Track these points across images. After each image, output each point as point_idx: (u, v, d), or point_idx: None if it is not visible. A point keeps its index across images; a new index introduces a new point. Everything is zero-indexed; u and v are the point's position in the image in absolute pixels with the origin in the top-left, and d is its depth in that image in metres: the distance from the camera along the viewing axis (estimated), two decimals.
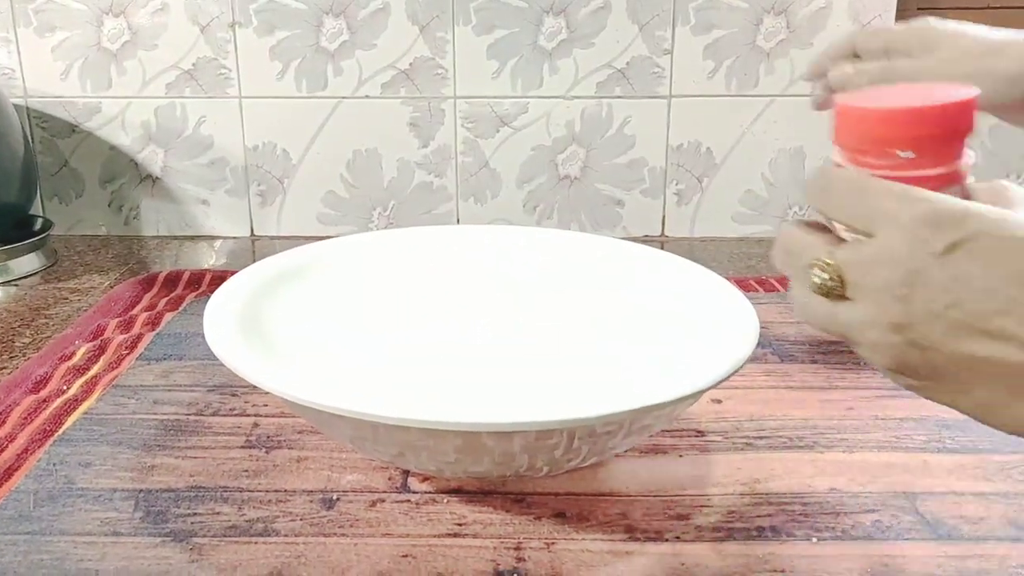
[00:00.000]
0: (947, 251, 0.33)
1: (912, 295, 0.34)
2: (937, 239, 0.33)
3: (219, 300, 0.58)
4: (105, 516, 0.51)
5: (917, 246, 0.33)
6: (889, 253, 0.34)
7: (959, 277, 0.33)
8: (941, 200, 0.34)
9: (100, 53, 1.00)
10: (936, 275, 0.33)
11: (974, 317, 0.33)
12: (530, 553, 0.47)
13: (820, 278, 0.37)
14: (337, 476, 0.54)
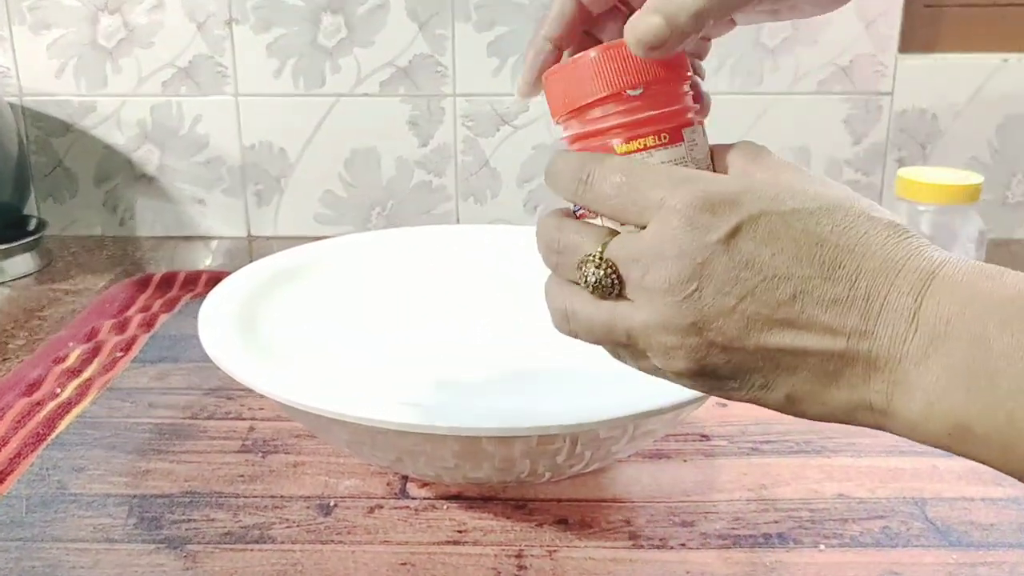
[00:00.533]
0: (729, 237, 0.31)
1: (702, 290, 0.31)
2: (717, 225, 0.31)
3: (215, 301, 0.57)
4: (98, 522, 0.50)
5: (697, 235, 0.31)
6: (668, 246, 0.31)
7: (748, 263, 0.31)
8: (713, 180, 0.32)
9: (95, 51, 0.99)
10: (723, 265, 0.31)
11: (770, 306, 0.31)
12: (531, 561, 0.46)
13: (595, 276, 0.33)
14: (335, 482, 0.53)
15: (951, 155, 1.01)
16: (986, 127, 1.01)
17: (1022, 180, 1.02)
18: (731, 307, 0.31)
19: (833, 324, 0.31)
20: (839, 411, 0.32)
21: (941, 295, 0.30)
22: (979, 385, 0.28)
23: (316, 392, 0.45)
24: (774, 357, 0.32)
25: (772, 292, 0.31)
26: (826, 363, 0.31)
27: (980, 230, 0.73)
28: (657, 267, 0.32)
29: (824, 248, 0.31)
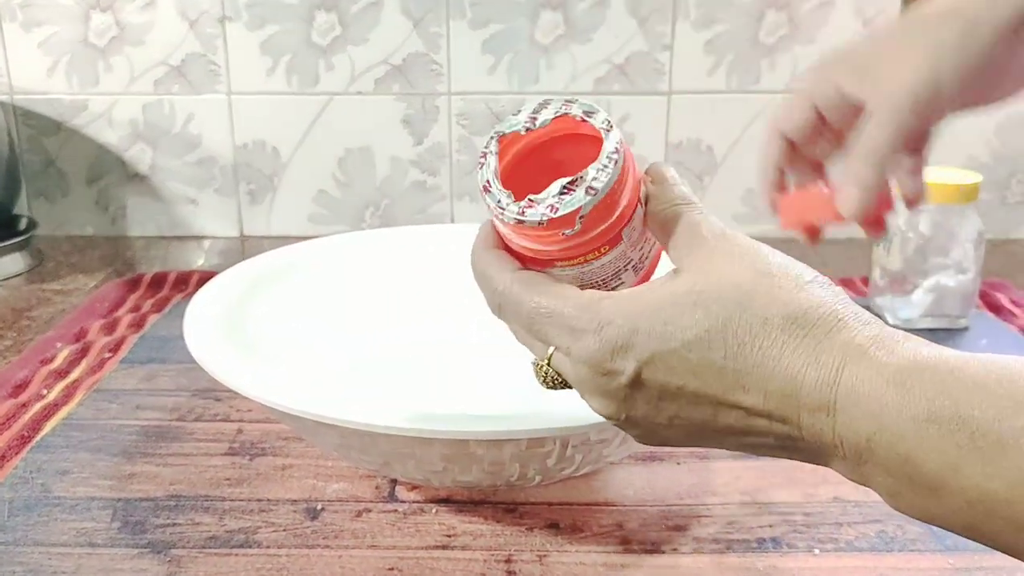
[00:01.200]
0: (635, 379, 0.33)
1: (633, 418, 0.34)
2: (620, 371, 0.33)
3: (201, 302, 0.56)
4: (81, 526, 0.49)
5: (607, 381, 0.33)
6: (590, 386, 0.34)
7: (661, 395, 0.33)
8: (607, 324, 0.33)
9: (87, 49, 0.98)
10: (641, 399, 0.33)
11: (700, 422, 0.33)
12: (521, 566, 0.45)
13: (547, 374, 0.36)
14: (322, 485, 0.52)
15: (950, 154, 1.00)
16: (985, 126, 1.00)
17: (1021, 180, 1.01)
18: (664, 426, 0.34)
19: (762, 427, 0.32)
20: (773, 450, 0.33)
21: (851, 414, 0.30)
22: (929, 503, 0.29)
23: (303, 395, 0.44)
24: (724, 441, 0.34)
25: (693, 412, 0.33)
26: (779, 440, 0.32)
27: (978, 230, 0.72)
28: (589, 399, 0.35)
29: (724, 375, 0.32)
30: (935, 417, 0.28)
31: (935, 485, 0.28)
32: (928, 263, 0.73)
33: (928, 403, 0.28)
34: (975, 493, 0.27)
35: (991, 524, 0.28)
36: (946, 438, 0.28)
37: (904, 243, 0.73)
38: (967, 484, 0.27)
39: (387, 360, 0.61)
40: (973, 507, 0.28)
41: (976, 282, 0.73)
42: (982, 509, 0.27)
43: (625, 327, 0.32)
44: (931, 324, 0.74)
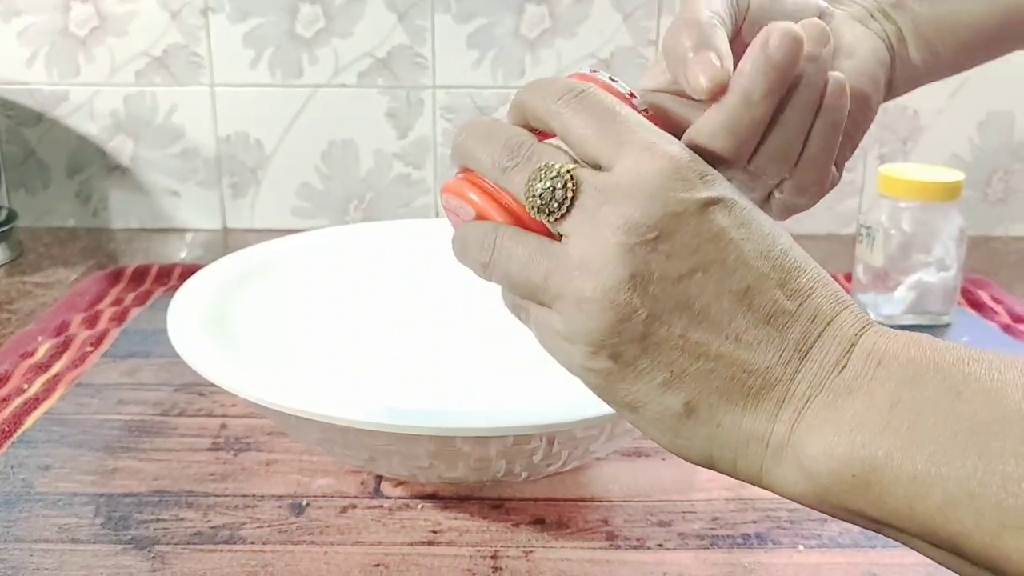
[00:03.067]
0: (709, 203, 0.29)
1: (658, 242, 0.28)
2: (701, 187, 0.29)
3: (185, 296, 0.56)
4: (64, 522, 0.48)
5: (680, 186, 0.29)
6: (647, 183, 0.29)
7: (716, 236, 0.29)
8: (695, 156, 0.31)
9: (67, 39, 0.97)
10: (691, 227, 0.29)
11: (717, 293, 0.29)
12: (507, 562, 0.45)
13: (550, 183, 0.30)
14: (307, 480, 0.52)
15: (932, 152, 1.01)
16: (967, 124, 1.00)
17: (1003, 177, 1.02)
18: (678, 276, 0.29)
19: (771, 335, 0.29)
20: (730, 440, 0.29)
21: (878, 338, 0.29)
22: (901, 424, 0.27)
23: (286, 390, 0.44)
24: (693, 352, 0.29)
25: (726, 277, 0.29)
26: (746, 376, 0.29)
27: (960, 227, 0.73)
28: (622, 201, 0.29)
29: (787, 256, 0.30)
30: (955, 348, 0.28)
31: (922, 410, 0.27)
32: (910, 260, 0.73)
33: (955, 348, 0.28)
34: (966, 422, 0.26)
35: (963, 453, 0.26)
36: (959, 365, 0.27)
37: (887, 240, 0.73)
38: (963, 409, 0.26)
39: (372, 355, 0.61)
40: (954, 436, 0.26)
41: (958, 279, 0.74)
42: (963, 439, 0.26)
43: (711, 170, 0.31)
44: (913, 321, 0.74)
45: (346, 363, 0.60)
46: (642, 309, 0.29)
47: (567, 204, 0.30)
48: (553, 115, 0.31)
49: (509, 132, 0.32)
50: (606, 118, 0.30)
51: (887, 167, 0.74)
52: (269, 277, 0.63)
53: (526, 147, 0.31)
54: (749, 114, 0.33)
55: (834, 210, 1.03)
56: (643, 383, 0.30)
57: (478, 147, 0.33)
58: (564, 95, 0.31)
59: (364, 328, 0.63)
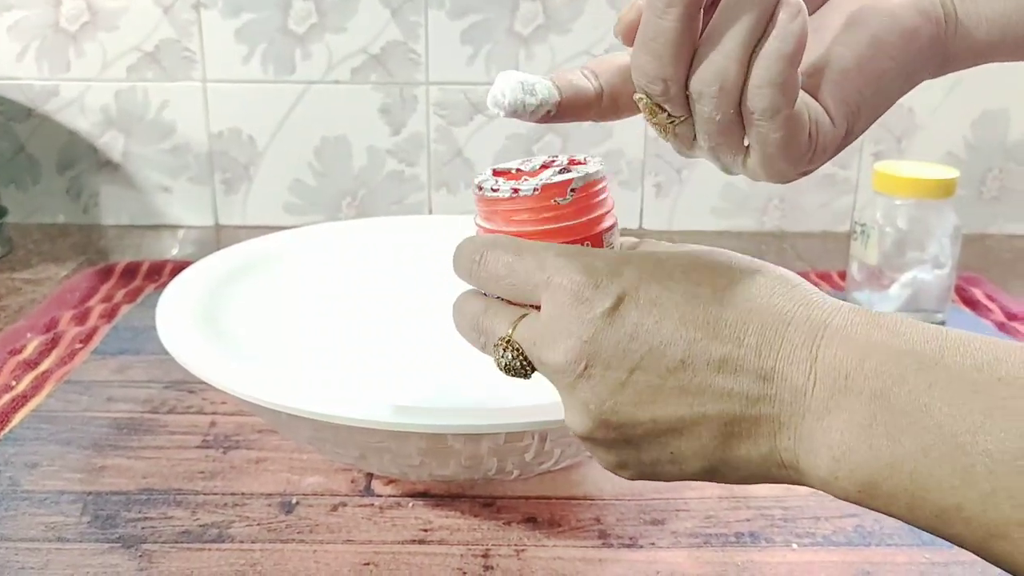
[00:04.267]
0: (613, 309, 0.31)
1: (591, 368, 0.31)
2: (600, 298, 0.31)
3: (174, 292, 0.55)
4: (50, 520, 0.48)
5: (582, 311, 0.31)
6: (557, 324, 0.32)
7: (633, 335, 0.31)
8: (595, 255, 0.32)
9: (58, 34, 0.96)
10: (609, 339, 0.31)
11: (660, 375, 0.30)
12: (498, 560, 0.45)
13: (505, 360, 0.34)
14: (297, 478, 0.52)
15: (927, 150, 1.01)
16: (962, 122, 1.00)
17: (997, 175, 1.02)
18: (622, 382, 0.31)
19: (727, 385, 0.30)
20: (757, 472, 0.31)
21: (836, 347, 0.29)
22: (881, 443, 0.28)
23: (276, 387, 0.43)
24: (675, 428, 0.31)
25: (660, 360, 0.30)
26: (729, 426, 0.30)
27: (955, 225, 0.72)
28: (549, 348, 0.32)
29: (708, 308, 0.30)
30: (917, 352, 0.28)
31: (896, 426, 0.27)
32: (905, 258, 0.73)
33: (910, 336, 0.28)
34: (934, 436, 0.27)
35: (939, 471, 0.27)
36: (922, 372, 0.27)
37: (881, 237, 0.73)
38: (930, 423, 0.27)
39: (363, 352, 0.60)
40: (927, 452, 0.27)
41: (952, 277, 0.74)
42: (936, 455, 0.27)
43: (615, 258, 0.32)
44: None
45: (337, 360, 0.59)
46: (609, 428, 0.32)
47: (527, 365, 0.34)
48: (480, 287, 0.35)
49: (466, 315, 0.36)
50: (509, 273, 0.33)
51: (882, 164, 0.74)
52: (260, 273, 0.62)
53: (479, 328, 0.35)
54: (660, 24, 0.31)
55: (829, 207, 1.03)
56: (659, 468, 0.33)
57: (462, 335, 0.36)
58: (471, 268, 0.35)
59: (356, 325, 0.62)
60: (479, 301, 0.35)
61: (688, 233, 1.03)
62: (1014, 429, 0.26)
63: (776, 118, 0.33)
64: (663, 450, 0.32)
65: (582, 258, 0.32)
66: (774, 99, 0.32)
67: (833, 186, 1.02)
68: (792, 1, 0.31)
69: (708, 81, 0.32)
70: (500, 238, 0.34)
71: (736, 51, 0.32)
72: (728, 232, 1.03)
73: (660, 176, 1.02)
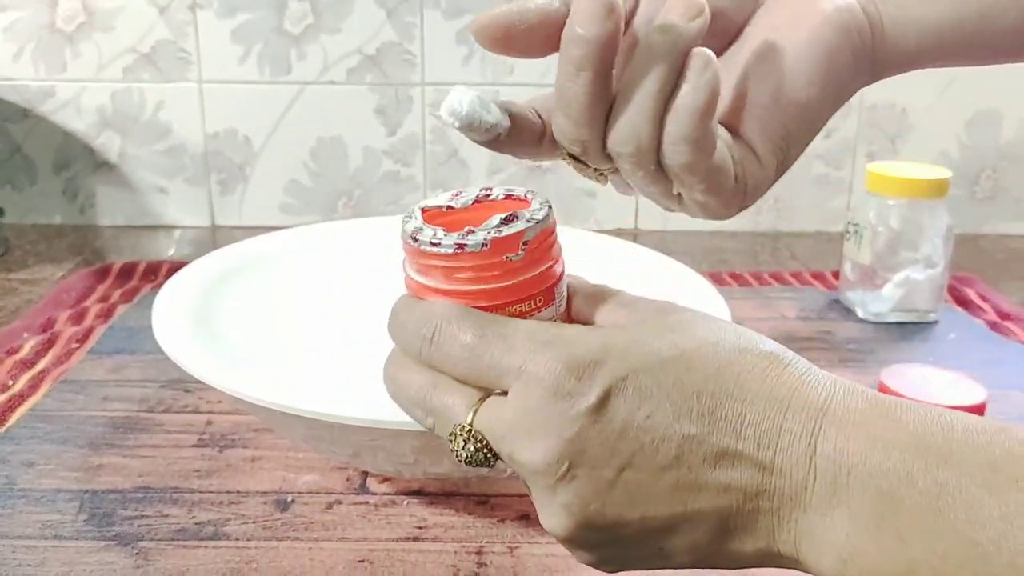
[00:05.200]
0: (599, 405, 0.28)
1: (574, 469, 0.28)
2: (583, 392, 0.28)
3: (170, 292, 0.56)
4: (47, 518, 0.48)
5: (563, 407, 0.28)
6: (534, 420, 0.28)
7: (622, 432, 0.28)
8: (573, 342, 0.29)
9: (54, 35, 0.96)
10: (595, 438, 0.28)
11: (653, 473, 0.28)
12: (492, 557, 0.45)
13: (467, 452, 0.30)
14: (293, 476, 0.52)
15: (921, 150, 1.02)
16: (955, 122, 1.01)
17: (990, 175, 1.03)
18: (610, 481, 0.28)
19: (725, 480, 0.28)
20: (751, 562, 0.29)
21: (836, 438, 0.27)
22: (891, 547, 0.26)
23: (271, 386, 0.44)
24: (667, 526, 0.29)
25: (652, 457, 0.28)
26: (725, 521, 0.28)
27: (947, 225, 0.73)
28: (524, 446, 0.28)
29: (702, 399, 0.28)
30: (924, 448, 0.26)
31: (906, 527, 0.26)
32: (898, 257, 0.73)
33: (914, 425, 0.27)
34: (950, 542, 0.25)
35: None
36: (931, 472, 0.26)
37: (874, 237, 0.73)
38: (944, 529, 0.25)
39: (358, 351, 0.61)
40: (944, 560, 0.25)
41: (945, 276, 0.74)
42: (955, 563, 0.25)
43: (595, 342, 0.29)
44: (901, 318, 0.74)
45: (332, 359, 0.59)
46: (594, 531, 0.29)
47: (491, 456, 0.30)
48: (432, 366, 0.31)
49: (409, 389, 0.32)
50: (470, 355, 0.30)
51: (875, 165, 0.74)
52: (256, 273, 0.62)
53: (426, 407, 0.31)
54: (572, 89, 0.31)
55: (823, 207, 1.03)
56: (648, 563, 0.30)
57: (400, 406, 0.33)
58: (421, 347, 0.31)
59: (351, 325, 0.63)
60: (423, 373, 0.31)
61: (683, 233, 1.03)
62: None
63: (696, 171, 0.32)
64: (652, 547, 0.29)
65: (559, 344, 0.29)
66: (690, 155, 0.31)
67: (827, 186, 1.03)
68: (700, 52, 0.31)
69: (623, 142, 0.32)
70: (454, 311, 0.30)
71: (648, 109, 0.31)
72: (722, 232, 1.04)
73: None
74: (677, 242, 1.00)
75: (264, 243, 0.66)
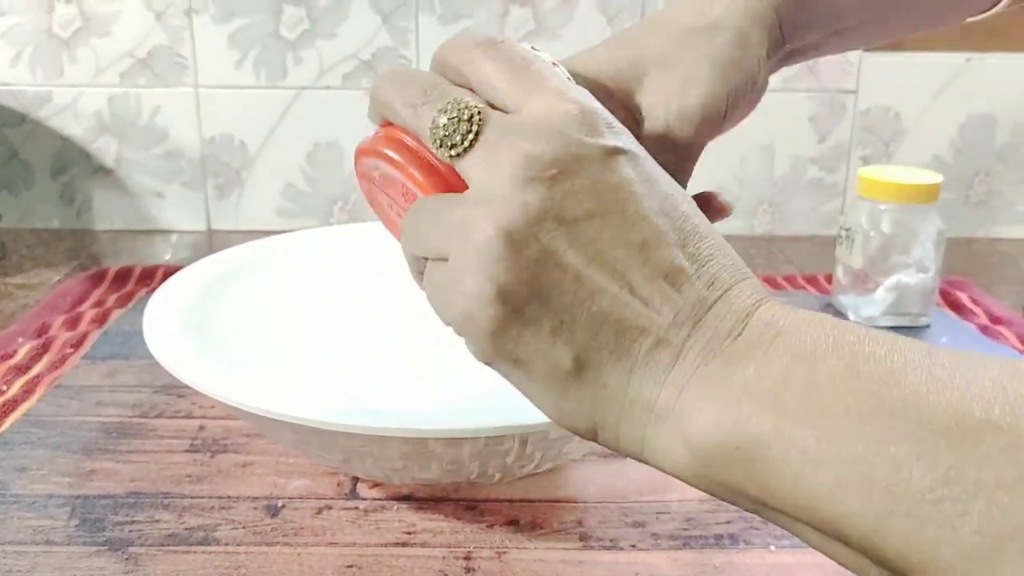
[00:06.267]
0: (614, 152, 0.28)
1: (557, 181, 0.27)
2: (607, 135, 0.29)
3: (164, 296, 0.56)
4: (38, 524, 0.48)
5: (584, 130, 0.28)
6: (550, 123, 0.28)
7: (617, 186, 0.28)
8: (606, 110, 0.30)
9: (51, 40, 0.97)
10: (593, 171, 0.28)
11: (615, 242, 0.27)
12: (480, 563, 0.46)
13: (454, 115, 0.29)
14: (284, 482, 0.52)
15: (914, 154, 1.02)
16: (949, 126, 1.01)
17: (984, 179, 1.03)
18: (574, 218, 0.27)
19: (665, 294, 0.28)
20: (613, 402, 0.28)
21: (777, 309, 0.28)
22: (793, 398, 0.25)
23: (260, 392, 0.44)
24: (588, 297, 0.27)
25: (625, 227, 0.28)
26: (636, 332, 0.28)
27: (939, 229, 0.73)
28: (524, 137, 0.28)
29: (688, 220, 0.29)
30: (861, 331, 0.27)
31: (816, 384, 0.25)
32: (890, 262, 0.74)
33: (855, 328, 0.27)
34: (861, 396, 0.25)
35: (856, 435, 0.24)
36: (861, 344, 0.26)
37: (866, 242, 0.73)
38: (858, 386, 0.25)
39: (350, 357, 0.61)
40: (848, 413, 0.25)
41: (936, 280, 0.75)
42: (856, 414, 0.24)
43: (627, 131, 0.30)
44: (893, 322, 0.75)
45: (325, 365, 0.60)
46: (535, 245, 0.27)
47: (470, 138, 0.29)
48: (466, 62, 0.31)
49: (424, 76, 0.31)
50: (519, 66, 0.30)
51: (866, 169, 0.75)
52: (251, 278, 0.63)
53: (440, 88, 0.31)
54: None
55: (816, 212, 1.04)
56: (531, 332, 0.28)
57: (393, 91, 0.31)
58: (480, 44, 0.30)
59: (345, 329, 0.63)
60: (439, 76, 0.31)
61: None
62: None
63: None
64: (557, 313, 0.28)
65: (595, 100, 0.30)
66: None
67: (821, 190, 1.03)
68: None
69: None
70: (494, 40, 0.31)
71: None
72: None
73: None
74: None
75: (257, 248, 0.66)
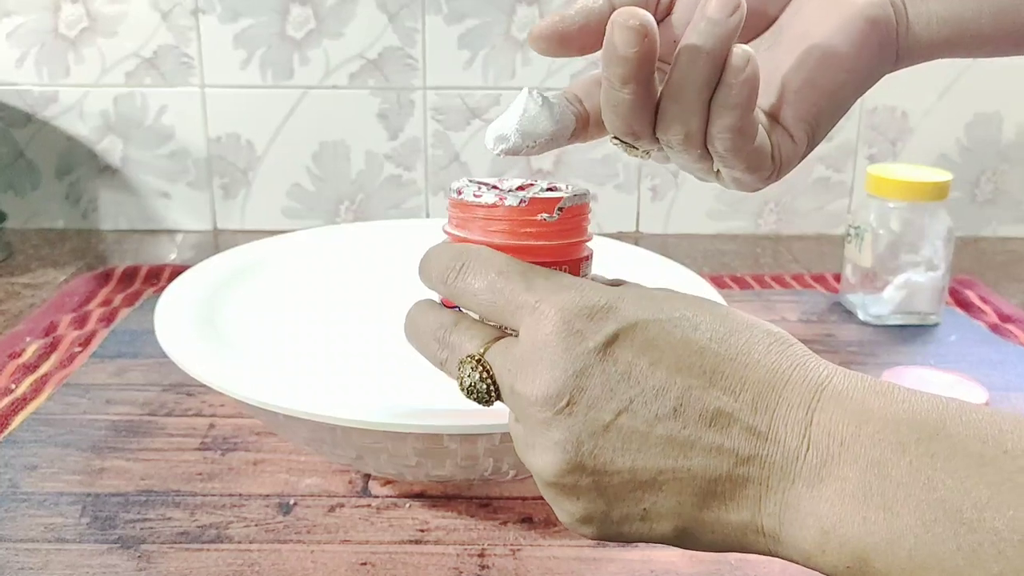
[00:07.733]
0: (606, 345, 0.29)
1: (574, 405, 0.29)
2: (593, 332, 0.29)
3: (173, 295, 0.56)
4: (50, 522, 0.48)
5: (572, 342, 0.29)
6: (541, 353, 0.29)
7: (625, 375, 0.29)
8: (591, 288, 0.31)
9: (57, 40, 0.97)
10: (598, 377, 0.29)
11: (649, 422, 0.29)
12: (494, 560, 0.45)
13: (471, 379, 0.32)
14: (295, 480, 0.52)
15: (921, 152, 1.02)
16: (956, 125, 1.01)
17: (991, 178, 1.03)
18: (605, 424, 0.29)
19: (717, 440, 0.28)
20: (731, 537, 0.29)
21: (833, 411, 0.27)
22: (878, 516, 0.26)
23: (274, 389, 0.44)
24: (655, 481, 0.29)
25: (651, 405, 0.29)
26: (712, 484, 0.29)
27: (948, 227, 0.73)
28: (527, 376, 0.30)
29: (705, 356, 0.29)
30: (917, 422, 0.27)
31: (894, 498, 0.26)
32: (899, 260, 0.73)
33: (911, 404, 0.27)
34: (936, 511, 0.25)
35: (942, 549, 0.25)
36: (923, 444, 0.26)
37: (875, 240, 0.73)
38: (931, 498, 0.25)
39: (360, 355, 0.61)
40: (928, 528, 0.25)
41: (946, 279, 0.74)
42: (939, 532, 0.25)
43: (611, 293, 0.30)
44: (902, 320, 0.74)
45: (335, 362, 0.60)
46: (584, 472, 0.29)
47: (494, 391, 0.32)
48: (454, 298, 0.33)
49: (430, 325, 0.34)
50: (491, 288, 0.32)
51: (875, 167, 0.75)
52: (258, 277, 0.63)
53: (443, 341, 0.33)
54: (619, 96, 0.33)
55: (824, 210, 1.04)
56: (627, 526, 0.30)
57: (417, 345, 0.35)
58: (447, 276, 0.33)
59: (353, 328, 0.63)
60: (446, 313, 0.34)
61: (684, 236, 1.03)
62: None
63: (739, 155, 0.35)
64: (636, 505, 0.30)
65: (576, 288, 0.30)
66: (734, 142, 0.35)
67: (828, 189, 1.03)
68: (740, 51, 0.33)
69: (673, 132, 0.35)
70: (484, 250, 0.33)
71: (694, 103, 0.34)
72: (724, 235, 1.04)
73: (656, 179, 1.03)
74: (678, 245, 1.00)
75: (265, 247, 0.66)
